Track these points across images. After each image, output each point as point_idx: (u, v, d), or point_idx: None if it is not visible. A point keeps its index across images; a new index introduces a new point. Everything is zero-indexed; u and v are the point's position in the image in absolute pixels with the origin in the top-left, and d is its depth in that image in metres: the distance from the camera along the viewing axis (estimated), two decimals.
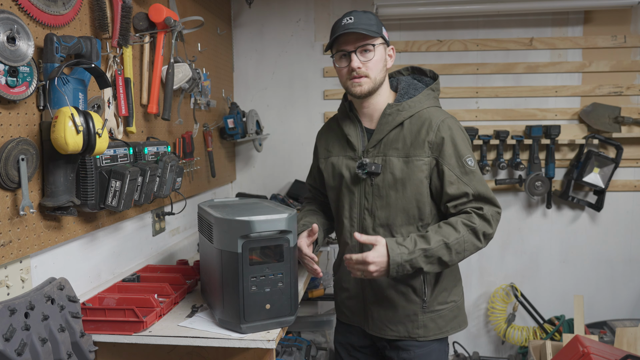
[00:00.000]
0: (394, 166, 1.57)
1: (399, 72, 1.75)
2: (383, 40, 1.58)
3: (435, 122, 1.55)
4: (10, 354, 1.11)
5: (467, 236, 1.49)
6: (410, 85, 1.64)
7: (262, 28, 3.14)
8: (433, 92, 1.64)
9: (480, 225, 1.49)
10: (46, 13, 1.35)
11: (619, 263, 3.11)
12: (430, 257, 1.46)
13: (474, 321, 3.21)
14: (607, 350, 2.31)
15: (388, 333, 1.66)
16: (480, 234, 1.50)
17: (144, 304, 1.49)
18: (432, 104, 1.61)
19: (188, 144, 2.26)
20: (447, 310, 1.65)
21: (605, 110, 2.97)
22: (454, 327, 1.67)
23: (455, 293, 1.68)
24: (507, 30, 3.03)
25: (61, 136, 1.22)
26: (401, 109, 1.58)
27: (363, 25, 1.52)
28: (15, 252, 1.26)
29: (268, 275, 1.41)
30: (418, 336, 1.63)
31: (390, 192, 1.58)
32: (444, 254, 1.47)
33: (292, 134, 3.19)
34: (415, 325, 1.63)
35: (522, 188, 3.03)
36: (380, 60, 1.56)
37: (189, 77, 2.07)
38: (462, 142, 1.55)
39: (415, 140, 1.55)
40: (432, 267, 1.48)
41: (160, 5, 1.82)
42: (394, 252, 1.44)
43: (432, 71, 1.69)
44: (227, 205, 1.61)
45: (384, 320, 1.66)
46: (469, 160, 1.54)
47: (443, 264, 1.49)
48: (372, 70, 1.56)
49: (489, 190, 1.55)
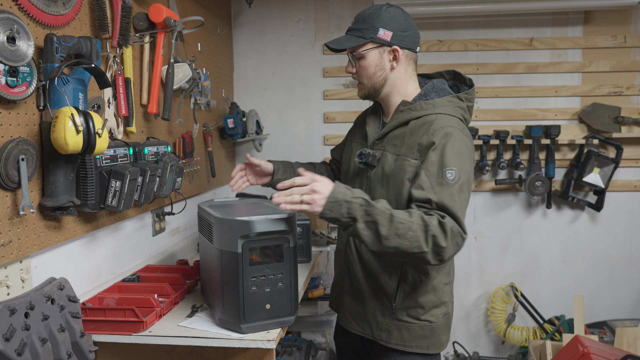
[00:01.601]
0: (386, 161, 1.55)
1: (440, 73, 1.70)
2: (376, 44, 1.53)
3: (435, 127, 1.47)
4: (10, 354, 1.11)
5: (416, 228, 1.33)
6: (435, 88, 1.59)
7: (262, 28, 3.14)
8: (459, 101, 1.55)
9: (435, 228, 1.33)
10: (46, 13, 1.35)
11: (619, 263, 3.11)
12: (369, 216, 1.33)
13: (474, 321, 3.21)
14: (607, 350, 2.31)
15: (354, 327, 1.66)
16: (430, 236, 1.33)
17: (144, 304, 1.49)
18: (450, 112, 1.52)
19: (188, 144, 2.26)
20: (418, 326, 1.57)
21: (605, 110, 2.97)
22: (420, 346, 1.58)
23: (433, 314, 1.58)
24: (507, 30, 3.03)
25: (61, 136, 1.22)
26: (412, 109, 1.55)
27: (352, 32, 1.55)
28: (15, 252, 1.26)
29: (268, 275, 1.41)
30: (380, 339, 1.59)
31: (377, 186, 1.57)
32: (384, 223, 1.32)
33: (292, 134, 3.19)
34: (379, 327, 1.60)
35: (522, 188, 3.03)
36: (370, 66, 1.55)
37: (189, 77, 2.07)
38: (451, 153, 1.43)
39: (410, 140, 1.51)
40: (366, 228, 1.34)
41: (160, 5, 1.82)
42: (338, 189, 1.35)
43: (471, 80, 1.62)
44: (227, 205, 1.61)
45: (352, 314, 1.66)
46: (449, 172, 1.41)
47: (378, 236, 1.33)
48: (362, 77, 1.58)
49: (457, 208, 1.38)
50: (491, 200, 3.13)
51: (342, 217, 1.35)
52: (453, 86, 1.67)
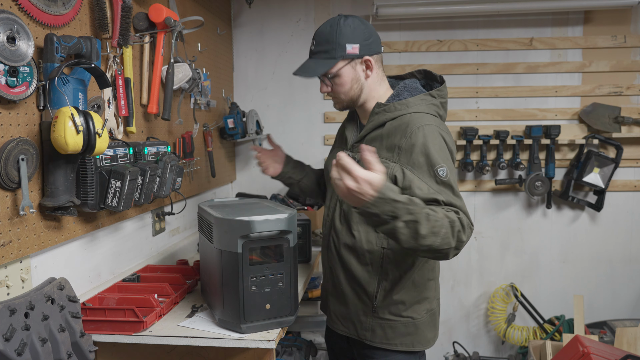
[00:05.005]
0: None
1: (412, 74, 1.71)
2: (347, 60, 1.53)
3: (412, 127, 1.47)
4: (10, 354, 1.11)
5: (447, 225, 1.32)
6: (407, 88, 1.60)
7: (262, 28, 3.14)
8: (432, 98, 1.57)
9: (458, 225, 1.34)
10: (46, 13, 1.35)
11: (619, 263, 3.11)
12: (411, 215, 1.28)
13: (474, 321, 3.21)
14: (607, 350, 2.31)
15: (340, 328, 1.67)
16: (456, 232, 1.34)
17: (144, 304, 1.49)
18: (424, 110, 1.54)
19: (188, 144, 2.26)
20: (400, 324, 1.58)
21: (605, 110, 2.97)
22: (404, 343, 1.58)
23: (415, 310, 1.59)
24: (507, 30, 3.03)
25: (61, 136, 1.22)
26: (387, 110, 1.55)
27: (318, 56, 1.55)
28: (15, 252, 1.26)
29: (268, 275, 1.41)
30: (365, 339, 1.60)
31: None
32: (424, 222, 1.28)
33: (292, 134, 3.19)
34: (363, 326, 1.61)
35: (522, 188, 3.03)
36: (346, 82, 1.56)
37: (189, 77, 2.07)
38: (435, 150, 1.44)
39: (388, 143, 1.51)
40: (406, 227, 1.28)
41: (160, 5, 1.82)
42: (388, 185, 1.27)
43: (442, 77, 1.64)
44: (227, 205, 1.61)
45: (337, 315, 1.68)
46: (441, 170, 1.42)
47: (416, 235, 1.29)
48: (339, 94, 1.59)
49: (461, 202, 1.43)
50: (491, 200, 3.13)
51: (384, 214, 1.27)
52: (425, 85, 1.68)
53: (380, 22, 3.02)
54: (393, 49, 3.06)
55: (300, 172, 1.98)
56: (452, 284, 3.20)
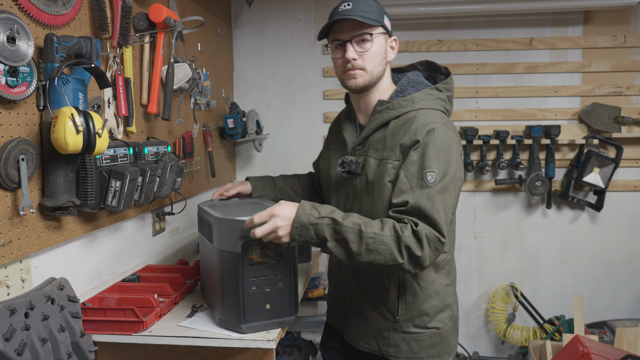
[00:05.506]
0: (369, 168, 1.46)
1: (413, 65, 1.62)
2: (384, 30, 1.46)
3: (417, 124, 1.39)
4: (10, 354, 1.11)
5: (388, 240, 1.27)
6: (411, 82, 1.50)
7: (262, 28, 3.14)
8: (438, 92, 1.49)
9: (408, 239, 1.27)
10: (46, 13, 1.34)
11: (619, 263, 3.11)
12: (337, 234, 1.28)
13: (474, 321, 3.21)
14: (607, 350, 2.31)
15: (361, 344, 1.58)
16: (403, 247, 1.27)
17: (144, 304, 1.49)
18: (430, 106, 1.45)
19: (188, 144, 2.26)
20: (426, 335, 1.51)
21: (605, 110, 2.97)
22: (431, 355, 1.52)
23: (439, 320, 1.52)
24: (507, 30, 3.03)
25: (61, 136, 1.22)
26: (391, 107, 1.46)
27: (361, 12, 1.39)
28: (15, 252, 1.26)
29: (268, 275, 1.41)
30: (389, 354, 1.52)
31: (364, 195, 1.48)
32: (353, 240, 1.27)
33: (292, 134, 3.19)
34: (386, 342, 1.52)
35: (522, 188, 3.03)
36: (379, 52, 1.45)
37: (189, 77, 2.07)
38: (435, 153, 1.35)
39: (392, 141, 1.42)
40: (337, 246, 1.29)
41: (160, 5, 1.82)
42: (302, 212, 1.28)
43: (447, 68, 1.54)
44: (227, 205, 1.61)
45: (357, 331, 1.58)
46: (430, 175, 1.33)
47: (350, 253, 1.28)
48: (369, 63, 1.44)
49: (434, 210, 1.30)
50: (491, 200, 3.13)
51: (312, 239, 1.29)
52: (429, 77, 1.59)
53: None
54: None
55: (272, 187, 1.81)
56: None
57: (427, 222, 1.30)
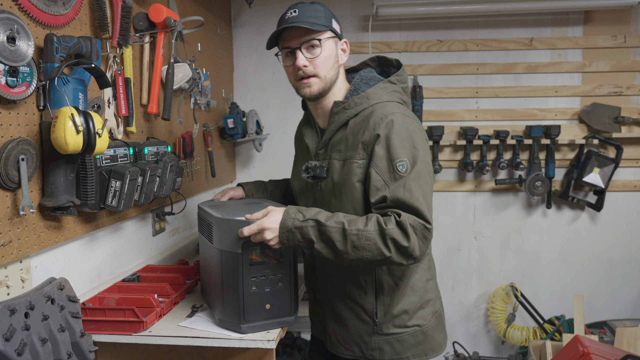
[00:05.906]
0: (334, 170, 1.45)
1: (365, 63, 1.60)
2: (333, 34, 1.46)
3: (375, 119, 1.39)
4: (10, 354, 1.11)
5: (373, 235, 1.28)
6: (364, 79, 1.49)
7: (262, 28, 3.14)
8: (392, 85, 1.47)
9: (392, 231, 1.27)
10: (46, 13, 1.35)
11: (619, 263, 3.11)
12: (323, 235, 1.30)
13: (474, 321, 3.21)
14: (607, 350, 2.31)
15: (344, 352, 1.55)
16: (389, 239, 1.27)
17: (144, 304, 1.49)
18: (386, 99, 1.44)
19: (188, 144, 2.26)
20: (408, 335, 1.49)
21: (605, 110, 2.97)
22: (417, 354, 1.50)
23: (420, 317, 1.51)
24: (507, 30, 3.03)
25: (61, 136, 1.22)
26: (347, 107, 1.45)
27: (308, 18, 1.39)
28: (15, 252, 1.26)
29: (268, 275, 1.41)
30: (373, 358, 1.50)
31: (331, 198, 1.47)
32: (338, 239, 1.29)
33: (292, 134, 3.16)
34: (368, 346, 1.50)
35: (522, 188, 3.03)
36: (330, 56, 1.44)
37: (189, 77, 2.07)
38: (399, 142, 1.35)
39: (354, 140, 1.42)
40: (324, 247, 1.31)
41: (160, 5, 1.82)
42: (288, 216, 1.32)
43: (398, 60, 1.53)
44: (227, 205, 1.61)
45: (339, 339, 1.56)
46: (400, 165, 1.33)
47: (337, 252, 1.30)
48: (320, 69, 1.43)
49: (414, 198, 1.31)
50: (491, 200, 3.13)
51: (300, 242, 1.32)
52: (382, 72, 1.58)
53: (380, 22, 3.02)
54: (393, 49, 3.06)
55: (264, 192, 1.84)
56: (452, 284, 3.20)
57: (410, 212, 1.30)
